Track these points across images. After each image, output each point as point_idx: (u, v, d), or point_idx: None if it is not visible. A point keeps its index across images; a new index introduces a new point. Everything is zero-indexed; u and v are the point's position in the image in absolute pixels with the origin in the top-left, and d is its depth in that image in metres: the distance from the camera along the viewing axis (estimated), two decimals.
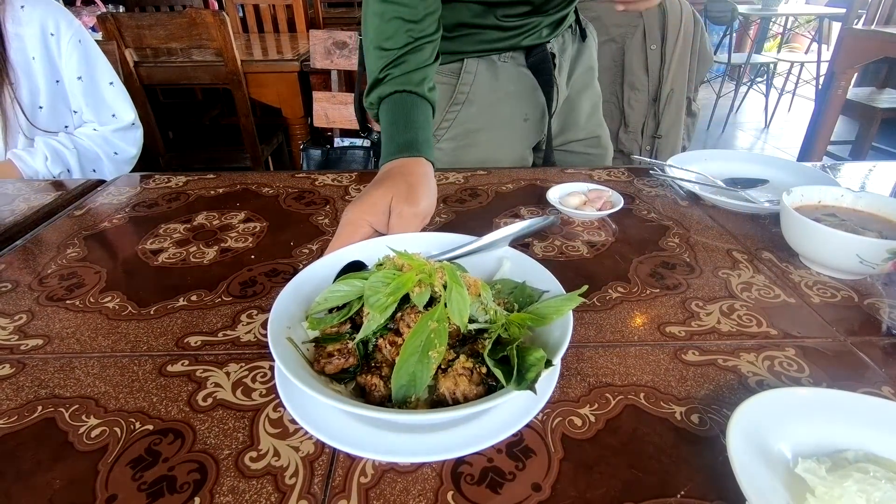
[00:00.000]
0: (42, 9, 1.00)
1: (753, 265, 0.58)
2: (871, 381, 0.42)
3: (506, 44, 0.86)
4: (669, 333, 0.47)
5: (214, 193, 0.78)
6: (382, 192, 0.51)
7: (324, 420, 0.34)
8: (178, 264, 0.59)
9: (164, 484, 0.33)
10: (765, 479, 0.31)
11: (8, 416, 0.38)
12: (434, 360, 0.34)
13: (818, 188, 0.61)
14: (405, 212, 0.50)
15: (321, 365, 0.37)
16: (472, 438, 0.33)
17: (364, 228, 0.49)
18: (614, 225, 0.68)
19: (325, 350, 0.38)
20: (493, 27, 0.83)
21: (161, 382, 0.41)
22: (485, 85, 0.88)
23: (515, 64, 0.89)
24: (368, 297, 0.37)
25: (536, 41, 0.87)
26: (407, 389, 0.34)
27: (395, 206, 0.50)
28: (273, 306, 0.39)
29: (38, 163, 1.01)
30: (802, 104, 4.52)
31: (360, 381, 0.36)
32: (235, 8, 2.77)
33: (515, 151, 0.93)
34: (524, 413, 0.35)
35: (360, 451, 0.33)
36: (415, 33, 0.66)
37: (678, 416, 0.38)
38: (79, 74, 1.06)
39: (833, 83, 2.17)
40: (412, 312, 0.37)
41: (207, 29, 1.70)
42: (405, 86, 0.64)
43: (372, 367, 0.37)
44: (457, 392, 0.34)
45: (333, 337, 0.39)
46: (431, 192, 0.54)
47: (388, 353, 0.37)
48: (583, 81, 1.00)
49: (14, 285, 0.55)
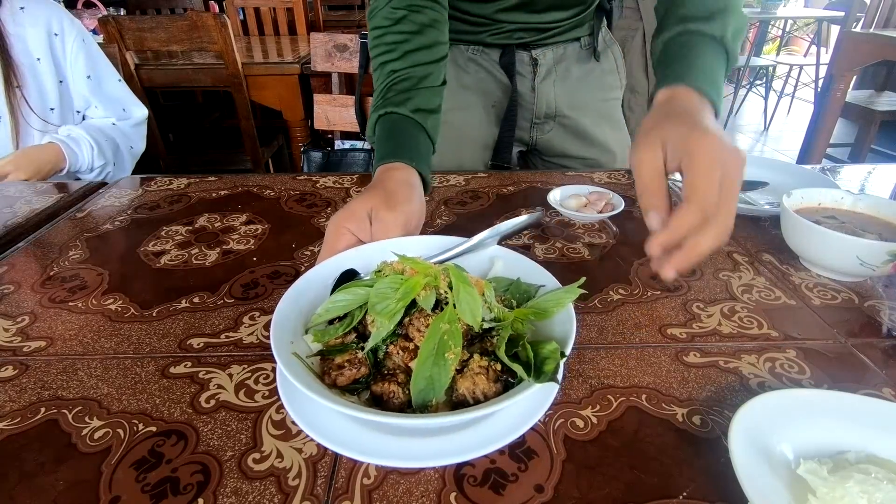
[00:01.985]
0: (44, 9, 1.00)
1: (754, 267, 0.58)
2: (871, 383, 0.42)
3: (471, 37, 0.91)
4: (671, 335, 0.47)
5: (216, 196, 0.78)
6: (362, 200, 0.51)
7: (329, 427, 0.34)
8: (180, 266, 0.59)
9: (167, 485, 0.33)
10: (766, 481, 0.31)
11: (11, 417, 0.38)
12: (451, 361, 0.34)
13: (818, 190, 0.62)
14: (385, 217, 0.49)
15: (332, 378, 0.36)
16: (483, 440, 0.33)
17: (346, 236, 0.49)
18: (615, 227, 0.68)
19: (334, 362, 0.37)
20: (459, 19, 0.89)
21: (164, 384, 0.41)
22: (451, 72, 0.94)
23: (486, 59, 0.94)
24: (375, 305, 0.36)
25: (504, 41, 0.90)
26: (426, 393, 0.34)
27: (375, 212, 0.49)
28: (272, 322, 0.38)
29: (86, 152, 1.02)
30: (801, 107, 4.53)
31: (375, 389, 0.36)
32: (236, 11, 2.78)
33: (484, 131, 0.98)
34: (529, 415, 0.35)
35: (373, 458, 0.33)
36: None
37: (680, 417, 0.38)
38: (88, 73, 1.06)
39: (832, 86, 2.17)
40: (420, 316, 0.37)
41: (208, 32, 1.70)
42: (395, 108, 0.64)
43: (386, 375, 0.36)
44: (476, 391, 0.34)
45: (340, 348, 0.38)
46: (412, 198, 0.53)
47: (401, 359, 0.37)
48: (596, 107, 0.98)
49: (16, 287, 0.55)
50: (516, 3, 0.85)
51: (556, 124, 0.99)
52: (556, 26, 0.89)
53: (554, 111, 0.98)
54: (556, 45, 0.93)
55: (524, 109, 0.98)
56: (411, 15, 0.67)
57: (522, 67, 0.94)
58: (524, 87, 0.95)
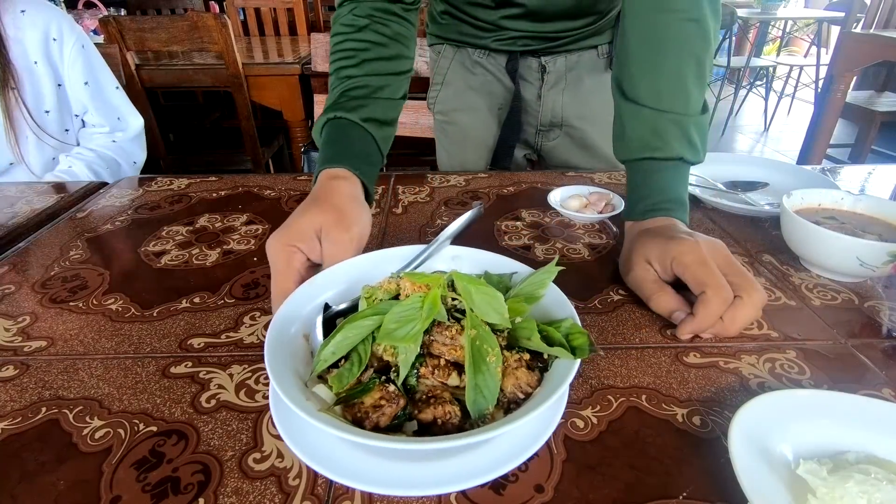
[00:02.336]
0: (44, 14, 1.01)
1: (754, 268, 0.58)
2: (871, 384, 0.42)
3: (476, 40, 0.92)
4: (671, 336, 0.47)
5: (216, 196, 0.78)
6: (309, 219, 0.47)
7: (330, 457, 0.32)
8: (180, 266, 0.59)
9: (168, 485, 0.33)
10: (766, 481, 0.31)
11: (12, 417, 0.38)
12: (494, 364, 0.33)
13: (818, 191, 0.62)
14: (339, 238, 0.46)
15: (373, 421, 0.32)
16: (502, 458, 0.33)
17: (298, 256, 0.46)
18: (616, 227, 0.68)
19: (364, 405, 0.33)
20: (465, 22, 0.90)
21: (164, 384, 0.41)
22: (458, 73, 0.96)
23: (493, 63, 0.94)
24: (395, 332, 0.34)
25: (509, 48, 0.90)
26: (480, 404, 0.33)
27: (327, 233, 0.46)
28: (273, 382, 0.32)
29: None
30: (802, 107, 4.53)
31: (424, 417, 0.33)
32: (236, 11, 2.78)
33: (488, 133, 0.99)
34: (549, 419, 0.35)
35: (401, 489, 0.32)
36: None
37: (680, 417, 0.38)
38: (85, 80, 1.06)
39: (832, 86, 2.17)
40: (440, 330, 0.36)
41: (209, 32, 1.70)
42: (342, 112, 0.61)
43: (428, 399, 0.34)
44: (522, 385, 0.34)
45: (361, 388, 0.34)
46: (362, 216, 0.51)
47: (436, 379, 0.35)
48: (607, 119, 0.92)
49: (17, 287, 0.55)
50: (521, 11, 0.84)
51: (562, 133, 0.98)
52: (566, 35, 0.87)
53: (560, 120, 0.96)
54: (570, 52, 0.91)
55: (529, 115, 0.97)
56: (374, 25, 0.65)
57: (530, 74, 0.93)
58: (530, 93, 0.95)
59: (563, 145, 0.99)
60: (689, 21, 0.54)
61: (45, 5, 1.02)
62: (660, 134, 0.56)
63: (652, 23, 0.56)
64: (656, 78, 0.56)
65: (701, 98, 0.57)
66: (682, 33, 0.55)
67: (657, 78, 0.56)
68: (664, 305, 0.48)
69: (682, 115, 0.55)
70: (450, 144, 1.03)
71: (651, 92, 0.56)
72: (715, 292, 0.44)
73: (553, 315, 0.39)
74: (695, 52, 0.55)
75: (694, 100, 0.56)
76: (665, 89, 0.56)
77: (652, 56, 0.56)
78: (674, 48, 0.55)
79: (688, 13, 0.54)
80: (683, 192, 0.57)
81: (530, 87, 0.94)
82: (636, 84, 0.57)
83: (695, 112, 0.56)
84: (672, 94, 0.56)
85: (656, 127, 0.56)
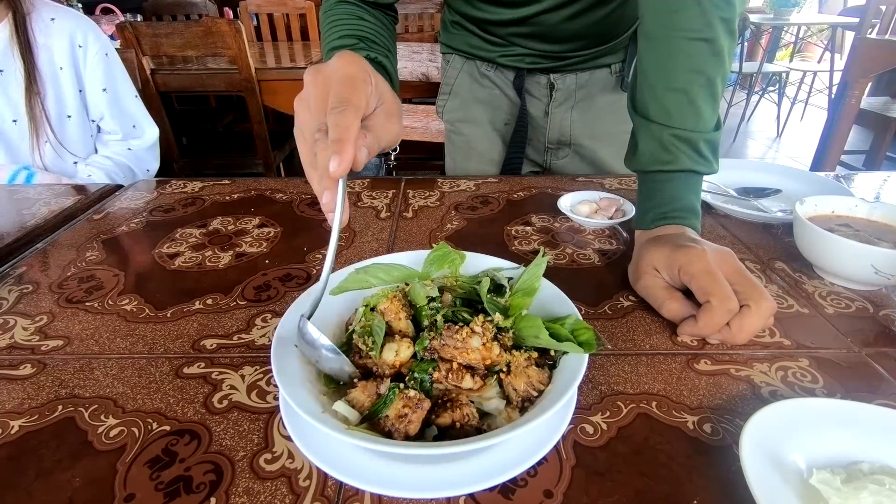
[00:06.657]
0: (72, 22, 1.04)
1: (766, 275, 0.58)
2: (886, 393, 0.41)
3: (484, 54, 0.91)
4: (681, 342, 0.47)
5: (229, 199, 0.79)
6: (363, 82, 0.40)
7: (339, 459, 0.33)
8: (193, 268, 0.60)
9: (180, 484, 0.33)
10: (779, 490, 0.30)
11: (30, 414, 0.39)
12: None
13: (832, 198, 0.61)
14: (391, 126, 0.42)
15: (401, 432, 0.32)
16: (523, 452, 0.33)
17: (368, 86, 0.39)
18: (626, 233, 0.68)
19: (391, 416, 0.33)
20: (475, 34, 0.90)
21: (178, 384, 0.42)
22: (465, 84, 0.96)
23: (500, 77, 0.94)
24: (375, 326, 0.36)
25: (516, 64, 0.90)
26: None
27: (381, 111, 0.42)
28: (284, 395, 0.32)
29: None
30: (815, 113, 4.49)
31: (442, 422, 0.33)
32: (250, 17, 2.82)
33: (492, 146, 0.99)
34: (551, 432, 0.35)
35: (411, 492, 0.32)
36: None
37: (690, 425, 0.38)
38: (104, 86, 1.09)
39: (846, 92, 2.15)
40: (450, 333, 0.36)
41: (223, 37, 1.73)
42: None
43: (445, 403, 0.34)
44: (534, 383, 0.35)
45: (384, 401, 0.34)
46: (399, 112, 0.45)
47: (450, 382, 0.35)
48: (619, 139, 0.89)
49: (35, 287, 0.56)
50: (529, 31, 0.84)
51: (571, 152, 0.97)
52: (576, 56, 0.87)
53: (568, 138, 0.96)
54: (581, 71, 0.90)
55: (537, 132, 0.97)
56: (355, 10, 0.68)
57: (538, 91, 0.93)
58: (537, 110, 0.94)
59: (573, 164, 0.98)
60: (699, 41, 0.54)
61: (74, 14, 1.06)
62: (668, 148, 0.56)
63: (663, 42, 0.56)
64: (665, 96, 0.56)
65: (714, 116, 0.56)
66: (693, 53, 0.55)
67: (666, 96, 0.56)
68: (675, 312, 0.48)
69: (691, 131, 0.55)
70: (456, 154, 1.03)
71: (660, 110, 0.56)
72: (719, 302, 0.44)
73: (554, 313, 0.40)
74: (706, 71, 0.55)
75: (706, 118, 0.56)
76: (674, 108, 0.56)
77: (662, 75, 0.56)
78: (683, 67, 0.55)
79: (699, 33, 0.54)
80: (695, 201, 0.56)
81: (537, 104, 0.94)
82: (647, 102, 0.58)
83: (706, 129, 0.56)
84: (681, 112, 0.55)
85: (665, 142, 0.56)
